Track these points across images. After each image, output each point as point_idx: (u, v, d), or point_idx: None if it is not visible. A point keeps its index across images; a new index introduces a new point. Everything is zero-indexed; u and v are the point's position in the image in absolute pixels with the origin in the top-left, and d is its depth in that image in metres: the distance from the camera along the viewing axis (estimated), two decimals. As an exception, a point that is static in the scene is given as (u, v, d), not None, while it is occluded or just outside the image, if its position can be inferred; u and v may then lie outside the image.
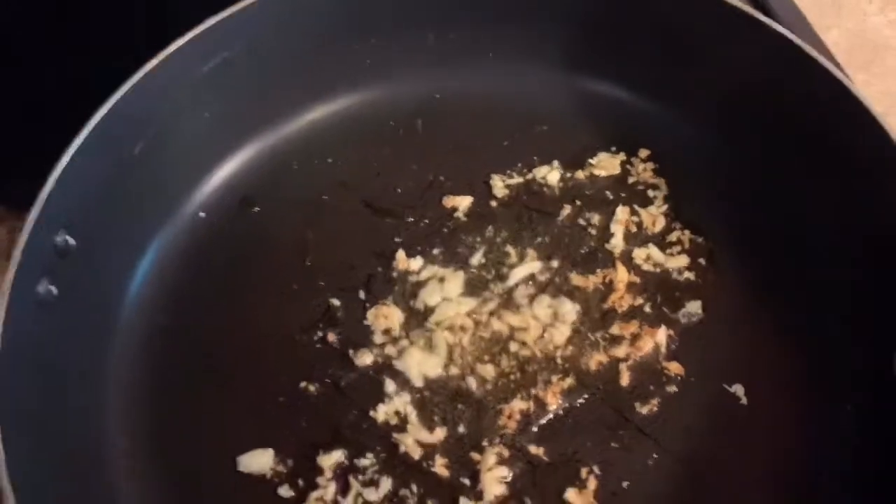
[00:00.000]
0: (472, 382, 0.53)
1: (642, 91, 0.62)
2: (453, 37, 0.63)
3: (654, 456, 0.51)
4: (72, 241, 0.50)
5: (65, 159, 0.49)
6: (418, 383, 0.53)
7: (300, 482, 0.50)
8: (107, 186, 0.53)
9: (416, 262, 0.58)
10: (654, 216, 0.59)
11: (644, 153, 0.61)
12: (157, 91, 0.54)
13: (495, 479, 0.50)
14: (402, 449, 0.51)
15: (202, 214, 0.60)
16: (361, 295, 0.57)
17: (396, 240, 0.59)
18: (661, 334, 0.54)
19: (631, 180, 0.60)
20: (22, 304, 0.45)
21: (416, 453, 0.51)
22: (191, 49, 0.55)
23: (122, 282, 0.55)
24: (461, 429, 0.52)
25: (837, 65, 0.57)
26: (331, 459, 0.51)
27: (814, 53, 0.53)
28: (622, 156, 0.61)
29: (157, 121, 0.55)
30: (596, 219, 0.59)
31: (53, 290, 0.48)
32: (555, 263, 0.57)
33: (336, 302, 0.57)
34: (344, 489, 0.50)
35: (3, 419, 0.41)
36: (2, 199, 0.50)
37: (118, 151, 0.53)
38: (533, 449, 0.51)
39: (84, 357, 0.51)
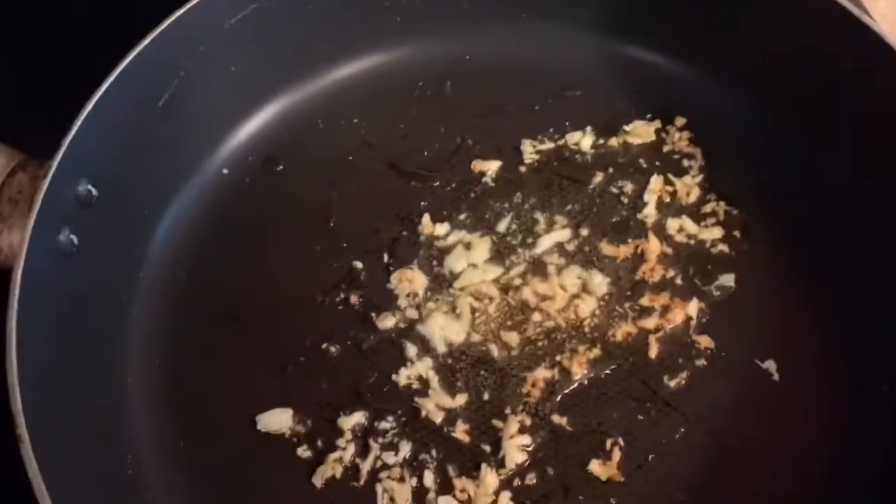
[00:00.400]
0: (495, 349, 0.52)
1: (679, 57, 0.60)
2: (486, -3, 0.61)
3: (682, 430, 0.49)
4: (94, 191, 0.49)
5: (88, 107, 0.48)
6: (441, 348, 0.52)
7: (319, 443, 0.49)
8: (131, 137, 0.52)
9: (442, 227, 0.56)
10: (689, 186, 0.57)
11: (680, 121, 0.59)
12: (184, 41, 0.53)
13: (517, 446, 0.49)
14: (423, 413, 0.50)
15: (225, 171, 0.59)
16: (385, 258, 0.56)
17: (422, 203, 0.58)
18: (693, 307, 0.52)
19: (666, 149, 0.59)
20: (42, 251, 0.45)
21: (438, 418, 0.50)
22: (219, -1, 0.54)
23: (143, 235, 0.54)
24: (483, 395, 0.51)
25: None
26: (351, 421, 0.50)
27: (864, 18, 0.50)
28: (657, 123, 0.59)
29: (182, 72, 0.54)
30: (629, 187, 0.57)
31: (74, 239, 0.47)
32: (585, 232, 0.56)
33: (359, 264, 0.56)
34: (363, 451, 0.49)
35: (21, 367, 0.40)
36: (25, 145, 0.49)
37: (143, 102, 0.52)
38: (556, 418, 0.50)
39: (104, 310, 0.50)
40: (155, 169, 0.55)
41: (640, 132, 0.59)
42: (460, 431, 0.50)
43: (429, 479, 0.48)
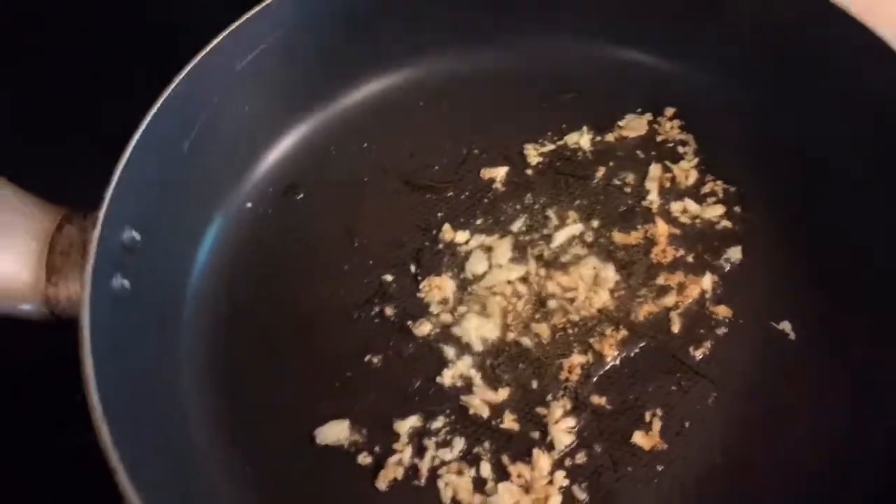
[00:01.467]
0: (529, 342, 0.55)
1: (664, 52, 0.64)
2: (475, 13, 0.65)
3: (713, 395, 0.53)
4: (137, 236, 0.52)
5: (123, 160, 0.51)
6: (478, 347, 0.55)
7: (377, 449, 0.52)
8: (162, 184, 0.54)
9: (463, 234, 0.60)
10: (686, 170, 0.61)
11: (670, 111, 0.63)
12: (199, 89, 0.56)
13: (563, 429, 0.52)
14: (471, 410, 0.53)
15: (249, 205, 0.62)
16: (412, 269, 0.59)
17: (439, 214, 0.61)
18: (707, 281, 0.56)
19: (660, 138, 0.63)
20: (101, 298, 0.47)
21: (485, 412, 0.53)
22: (229, 45, 0.57)
23: (182, 274, 0.57)
24: (525, 386, 0.54)
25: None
26: (406, 425, 0.52)
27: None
28: (649, 116, 0.63)
29: (201, 118, 0.57)
30: (630, 178, 0.61)
31: (126, 284, 0.50)
32: (595, 223, 0.59)
33: (388, 277, 0.59)
34: (420, 452, 0.52)
35: (105, 409, 0.43)
36: (67, 199, 0.52)
37: (169, 150, 0.55)
38: (595, 399, 0.53)
39: (157, 348, 0.53)
40: (186, 210, 0.57)
41: (634, 126, 0.63)
42: (508, 421, 0.53)
43: (486, 469, 0.51)
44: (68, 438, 0.46)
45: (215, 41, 0.56)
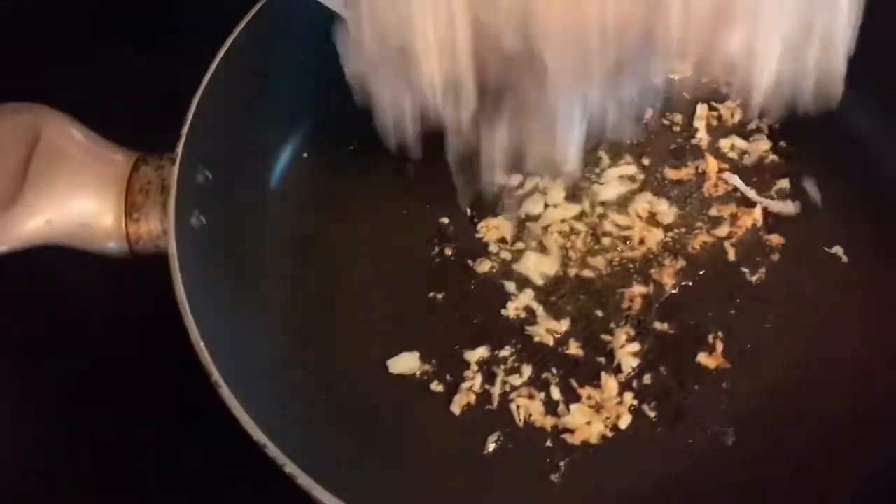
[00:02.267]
0: (590, 274, 0.57)
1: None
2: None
3: (770, 317, 0.55)
4: (210, 175, 0.53)
5: (195, 103, 0.52)
6: (539, 282, 0.57)
7: (448, 377, 0.54)
8: (229, 127, 0.56)
9: (516, 177, 0.61)
10: (732, 109, 0.63)
11: (713, 54, 0.65)
12: (262, 36, 0.58)
13: (629, 353, 0.53)
14: (536, 339, 0.55)
15: (305, 155, 0.63)
16: (468, 212, 0.60)
17: (492, 160, 0.63)
18: (758, 211, 0.58)
19: (704, 80, 0.64)
20: (183, 233, 0.49)
21: (550, 341, 0.55)
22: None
23: (250, 216, 0.58)
24: (587, 316, 0.55)
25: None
26: (475, 355, 0.54)
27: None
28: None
29: (263, 66, 0.59)
30: (678, 118, 0.63)
31: (203, 219, 0.51)
32: (647, 161, 0.61)
33: (445, 220, 0.60)
34: (490, 379, 0.53)
35: (200, 331, 0.45)
36: (143, 145, 0.53)
37: (235, 93, 0.56)
38: (658, 325, 0.55)
39: (235, 284, 0.54)
40: (248, 156, 0.59)
41: (678, 69, 0.65)
42: (573, 349, 0.54)
43: (555, 392, 0.53)
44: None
45: (274, -9, 0.58)
